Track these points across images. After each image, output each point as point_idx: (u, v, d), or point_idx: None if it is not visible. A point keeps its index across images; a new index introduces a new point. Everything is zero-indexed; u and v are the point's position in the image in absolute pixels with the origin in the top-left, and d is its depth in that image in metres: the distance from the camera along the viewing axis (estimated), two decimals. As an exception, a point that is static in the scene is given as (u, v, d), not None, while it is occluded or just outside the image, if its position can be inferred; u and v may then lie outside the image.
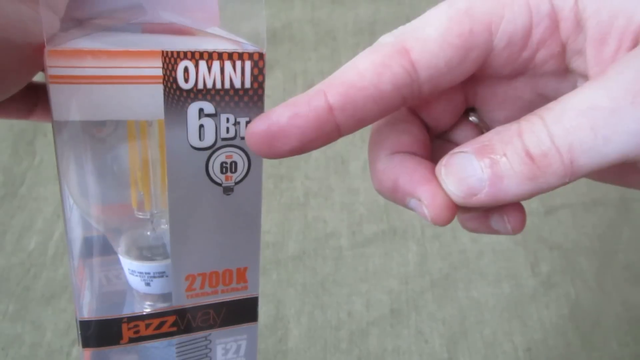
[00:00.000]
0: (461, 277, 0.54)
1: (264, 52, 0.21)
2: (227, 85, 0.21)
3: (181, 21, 0.22)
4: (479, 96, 0.24)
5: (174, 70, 0.20)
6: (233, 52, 0.20)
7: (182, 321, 0.25)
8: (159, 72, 0.20)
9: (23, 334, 0.48)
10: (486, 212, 0.23)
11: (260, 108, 0.21)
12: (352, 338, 0.50)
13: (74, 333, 0.49)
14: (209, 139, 0.22)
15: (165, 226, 0.26)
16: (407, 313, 0.51)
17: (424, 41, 0.20)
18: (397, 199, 0.22)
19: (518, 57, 0.21)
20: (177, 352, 0.26)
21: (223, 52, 0.20)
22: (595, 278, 0.55)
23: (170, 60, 0.20)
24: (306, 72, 0.72)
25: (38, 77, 0.22)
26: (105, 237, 0.25)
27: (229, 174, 0.22)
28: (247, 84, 0.21)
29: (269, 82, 0.18)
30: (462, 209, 0.23)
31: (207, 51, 0.20)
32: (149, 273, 0.25)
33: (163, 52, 0.20)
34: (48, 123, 0.21)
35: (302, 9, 0.81)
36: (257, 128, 0.20)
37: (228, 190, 0.23)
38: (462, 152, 0.20)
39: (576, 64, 0.21)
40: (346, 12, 0.81)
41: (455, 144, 0.23)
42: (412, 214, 0.58)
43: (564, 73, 0.22)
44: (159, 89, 0.20)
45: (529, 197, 0.20)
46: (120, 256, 0.26)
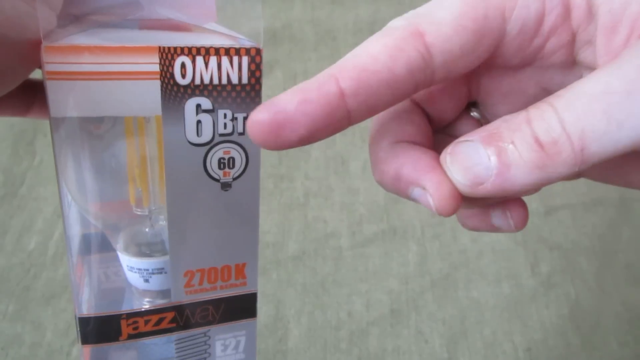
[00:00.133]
0: (461, 277, 0.54)
1: (261, 48, 0.21)
2: (225, 80, 0.21)
3: (178, 17, 0.22)
4: (483, 88, 0.24)
5: (171, 66, 0.20)
6: (230, 48, 0.20)
7: (181, 317, 0.25)
8: (156, 68, 0.20)
9: (23, 334, 0.48)
10: (487, 209, 0.23)
11: (257, 104, 0.21)
12: (352, 338, 0.50)
13: (74, 333, 0.49)
14: (207, 135, 0.22)
15: (163, 222, 0.26)
16: (407, 313, 0.51)
17: (438, 25, 0.19)
18: (400, 189, 0.21)
19: (529, 45, 0.21)
20: (177, 349, 0.26)
21: (220, 48, 0.20)
22: (595, 278, 0.55)
23: (167, 56, 0.20)
24: (306, 72, 0.72)
25: (35, 75, 0.22)
26: (103, 234, 0.25)
27: (227, 170, 0.22)
28: (245, 80, 0.21)
29: (269, 82, 0.18)
30: (468, 203, 0.23)
31: (204, 47, 0.20)
32: (148, 269, 0.25)
33: (160, 48, 0.20)
34: (47, 122, 0.21)
35: (302, 9, 0.81)
36: (261, 117, 0.18)
37: (226, 186, 0.23)
38: (468, 141, 0.19)
39: (584, 55, 0.21)
40: (346, 12, 0.81)
41: (456, 138, 0.23)
42: (412, 214, 0.58)
43: (571, 65, 0.22)
44: (156, 85, 0.20)
45: (537, 188, 0.19)
46: (118, 253, 0.26)
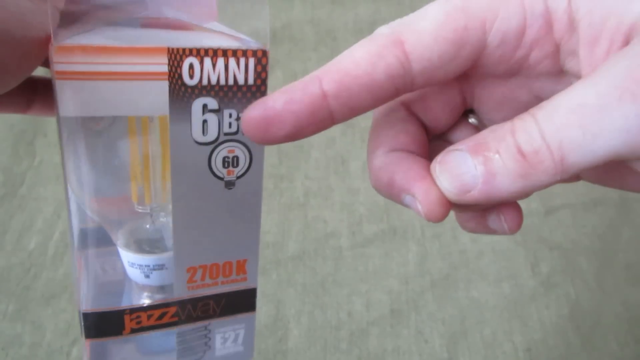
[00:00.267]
0: (461, 277, 0.54)
1: (268, 50, 0.21)
2: (231, 81, 0.21)
3: (180, 16, 0.23)
4: (477, 97, 0.24)
5: (180, 66, 0.20)
6: (237, 50, 0.21)
7: (183, 312, 0.26)
8: (165, 69, 0.20)
9: (23, 334, 0.48)
10: (484, 212, 0.23)
11: None
12: (352, 338, 0.50)
13: (74, 333, 0.49)
14: (212, 134, 0.22)
15: (164, 219, 0.27)
16: (407, 313, 0.52)
17: (419, 34, 0.20)
18: (393, 196, 0.22)
19: (512, 56, 0.22)
20: (178, 342, 0.26)
21: (227, 49, 0.21)
22: (595, 278, 0.55)
23: (176, 57, 0.20)
24: (306, 72, 0.71)
25: (36, 72, 0.22)
26: (100, 229, 0.26)
27: (231, 169, 0.23)
28: (251, 81, 0.21)
29: (269, 82, 0.18)
30: (460, 209, 0.23)
31: (212, 48, 0.20)
32: (149, 265, 0.26)
33: (169, 49, 0.20)
34: (48, 122, 0.21)
35: (302, 9, 0.82)
36: (253, 113, 0.20)
37: (230, 184, 0.23)
38: (457, 150, 0.20)
39: (570, 65, 0.22)
40: (346, 12, 0.81)
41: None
42: (412, 214, 0.58)
43: (559, 74, 0.22)
44: (164, 85, 0.20)
45: (522, 196, 0.20)
46: (119, 249, 0.26)
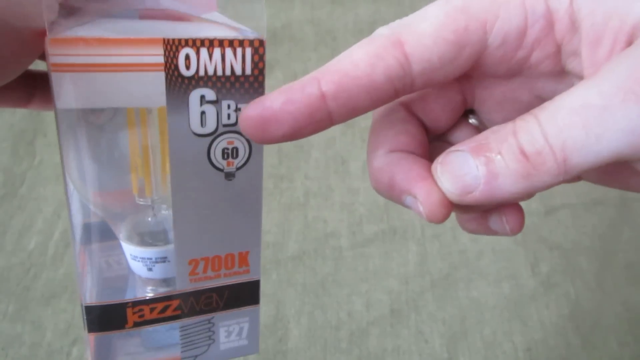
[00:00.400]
0: (461, 277, 0.54)
1: (264, 39, 0.21)
2: (228, 72, 0.21)
3: (179, 7, 0.23)
4: (477, 97, 0.24)
5: (176, 57, 0.20)
6: (234, 39, 0.21)
7: (186, 305, 0.25)
8: (161, 60, 0.20)
9: (23, 334, 0.48)
10: (485, 213, 0.23)
11: (260, 94, 0.22)
12: (352, 338, 0.50)
13: (74, 333, 0.49)
14: (211, 126, 0.22)
15: (165, 212, 0.27)
16: (407, 313, 0.51)
17: (419, 35, 0.20)
18: (394, 197, 0.22)
19: (513, 57, 0.22)
20: (181, 335, 0.26)
21: (224, 40, 0.20)
22: (595, 278, 0.55)
23: (171, 47, 0.20)
24: (306, 72, 0.71)
25: (36, 65, 0.22)
26: (103, 223, 0.26)
27: (231, 160, 0.23)
28: (248, 71, 0.21)
29: (269, 82, 0.18)
30: (461, 210, 0.23)
31: (208, 38, 0.20)
32: (151, 258, 0.26)
33: (164, 40, 0.20)
34: (48, 122, 0.21)
35: (302, 9, 0.82)
36: (251, 113, 0.20)
37: (229, 175, 0.23)
38: (459, 151, 0.20)
39: (572, 65, 0.21)
40: (346, 12, 0.81)
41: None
42: (412, 214, 0.58)
43: (561, 74, 0.22)
44: (161, 77, 0.20)
45: (524, 197, 0.20)
46: (122, 242, 0.26)
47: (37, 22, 0.20)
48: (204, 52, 0.20)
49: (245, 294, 0.26)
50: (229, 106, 0.22)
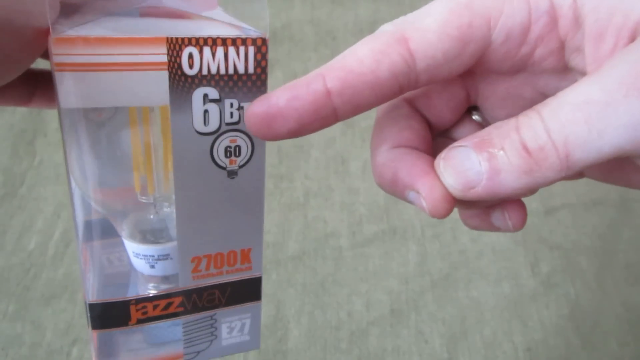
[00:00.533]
0: (461, 277, 0.54)
1: (267, 38, 0.21)
2: (231, 70, 0.21)
3: (180, 5, 0.23)
4: (481, 93, 0.24)
5: (179, 56, 0.20)
6: (236, 38, 0.21)
7: (189, 302, 0.26)
8: (164, 59, 0.20)
9: (23, 334, 0.48)
10: (487, 209, 0.23)
11: (263, 93, 0.22)
12: (352, 338, 0.50)
13: (74, 333, 0.49)
14: (214, 124, 0.22)
15: (167, 209, 0.27)
16: (407, 313, 0.52)
17: (423, 31, 0.20)
18: (397, 192, 0.22)
19: (516, 53, 0.22)
20: (184, 332, 0.26)
21: (227, 38, 0.21)
22: (595, 278, 0.55)
23: (175, 46, 0.20)
24: (306, 72, 0.71)
25: (36, 64, 0.22)
26: (105, 221, 0.26)
27: (233, 158, 0.23)
28: (251, 69, 0.21)
29: (269, 82, 0.18)
30: (464, 205, 0.23)
31: (211, 37, 0.20)
32: (154, 256, 0.26)
33: (168, 39, 0.20)
34: (48, 122, 0.21)
35: (302, 9, 0.82)
36: (257, 109, 0.20)
37: (232, 173, 0.23)
38: (462, 146, 0.20)
39: (575, 62, 0.21)
40: (346, 12, 0.81)
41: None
42: (412, 214, 0.59)
43: (564, 71, 0.22)
44: (164, 75, 0.20)
45: (527, 192, 0.20)
46: (124, 240, 0.26)
47: (40, 21, 0.20)
48: (207, 51, 0.20)
49: (247, 291, 0.27)
50: (232, 105, 0.22)
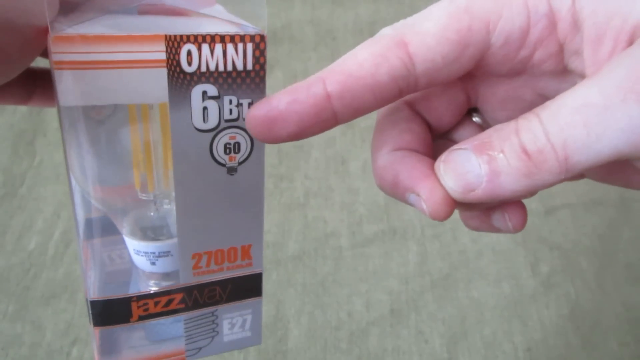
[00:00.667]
0: (461, 277, 0.54)
1: (265, 34, 0.21)
2: (230, 67, 0.21)
3: (179, 3, 0.23)
4: (481, 96, 0.24)
5: (177, 53, 0.20)
6: (235, 35, 0.21)
7: (190, 298, 0.26)
8: (163, 56, 0.20)
9: (23, 334, 0.48)
10: (488, 211, 0.24)
11: (262, 89, 0.22)
12: (352, 338, 0.50)
13: (74, 333, 0.49)
14: (213, 121, 0.22)
15: (168, 206, 0.27)
16: (407, 313, 0.52)
17: (423, 35, 0.20)
18: (398, 195, 0.22)
19: (515, 56, 0.22)
20: (185, 328, 0.27)
21: (225, 35, 0.21)
22: (595, 278, 0.55)
23: (173, 44, 0.20)
24: (306, 72, 0.72)
25: (35, 63, 0.23)
26: (105, 218, 0.26)
27: (233, 155, 0.23)
28: (249, 66, 0.21)
29: (269, 82, 0.18)
30: (464, 207, 0.23)
31: (210, 34, 0.20)
32: (155, 253, 0.26)
33: (166, 36, 0.20)
34: (48, 122, 0.21)
35: (302, 9, 0.82)
36: (257, 112, 0.20)
37: (232, 170, 0.23)
38: (461, 149, 0.20)
39: (574, 64, 0.22)
40: (346, 12, 0.81)
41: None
42: (412, 214, 0.59)
43: (564, 73, 0.22)
44: (163, 73, 0.21)
45: (526, 194, 0.20)
46: (125, 237, 0.26)
47: (39, 20, 0.20)
48: (206, 48, 0.20)
49: (248, 287, 0.27)
50: (231, 101, 0.22)
